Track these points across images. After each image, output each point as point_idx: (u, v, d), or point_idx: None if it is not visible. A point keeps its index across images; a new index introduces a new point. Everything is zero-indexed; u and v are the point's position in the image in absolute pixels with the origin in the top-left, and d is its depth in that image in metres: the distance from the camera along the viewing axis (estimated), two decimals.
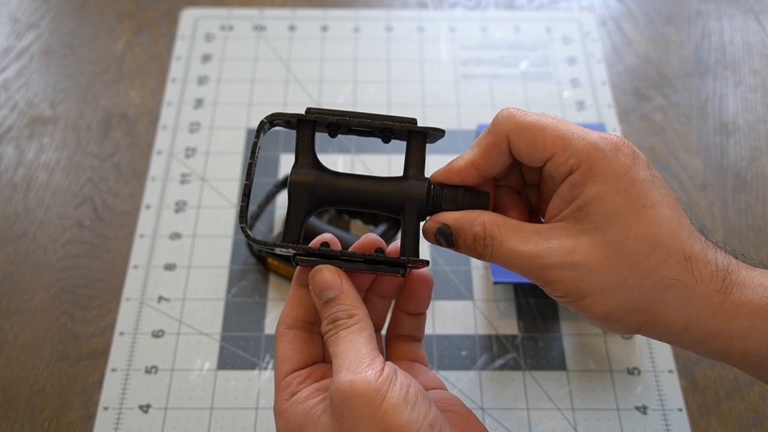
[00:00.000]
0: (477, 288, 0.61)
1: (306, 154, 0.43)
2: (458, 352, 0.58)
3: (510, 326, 0.59)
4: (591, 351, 0.58)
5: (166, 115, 0.73)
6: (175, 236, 0.64)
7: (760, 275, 0.39)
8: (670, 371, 0.57)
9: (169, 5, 0.82)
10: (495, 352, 0.58)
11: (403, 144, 0.43)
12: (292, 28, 0.80)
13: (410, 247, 0.42)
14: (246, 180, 0.41)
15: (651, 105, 0.75)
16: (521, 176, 0.44)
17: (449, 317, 0.60)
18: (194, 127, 0.72)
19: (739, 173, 0.69)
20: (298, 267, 0.43)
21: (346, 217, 0.64)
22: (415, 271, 0.45)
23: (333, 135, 0.43)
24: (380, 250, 0.42)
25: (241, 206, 0.41)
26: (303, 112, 0.42)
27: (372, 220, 0.63)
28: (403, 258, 0.41)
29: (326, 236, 0.43)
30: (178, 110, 0.73)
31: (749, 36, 0.81)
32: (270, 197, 0.64)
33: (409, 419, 0.36)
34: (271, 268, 0.61)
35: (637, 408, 0.55)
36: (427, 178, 0.43)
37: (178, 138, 0.71)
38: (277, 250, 0.42)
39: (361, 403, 0.36)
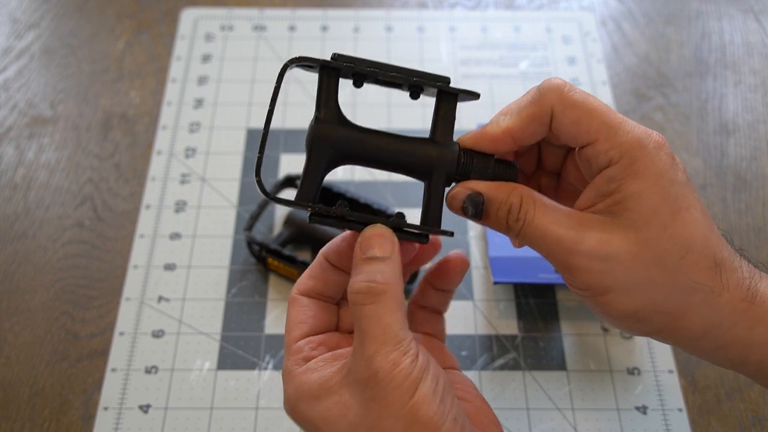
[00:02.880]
0: (477, 288, 0.61)
1: (329, 105, 0.39)
2: (458, 352, 0.58)
3: (510, 326, 0.59)
4: (591, 351, 0.58)
5: (166, 115, 0.73)
6: (175, 236, 0.64)
7: None
8: (670, 371, 0.57)
9: (169, 5, 0.82)
10: (495, 352, 0.58)
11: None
12: (292, 28, 0.80)
13: (434, 214, 0.40)
14: (264, 129, 0.38)
15: (651, 105, 0.75)
16: (537, 159, 0.43)
17: (449, 317, 0.59)
18: (194, 127, 0.72)
19: (739, 173, 0.69)
20: (325, 247, 0.42)
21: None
22: (452, 254, 0.43)
23: (358, 85, 0.40)
24: (343, 201, 0.40)
25: (258, 157, 0.38)
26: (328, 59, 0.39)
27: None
28: (426, 228, 0.39)
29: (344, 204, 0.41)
30: (178, 110, 0.73)
31: (749, 36, 0.81)
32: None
33: (437, 412, 0.35)
34: (271, 268, 0.61)
35: (637, 408, 0.55)
36: (456, 143, 0.41)
37: (178, 138, 0.71)
38: (295, 208, 0.39)
39: (395, 393, 0.35)
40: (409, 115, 0.72)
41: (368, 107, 0.73)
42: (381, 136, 0.40)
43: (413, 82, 0.39)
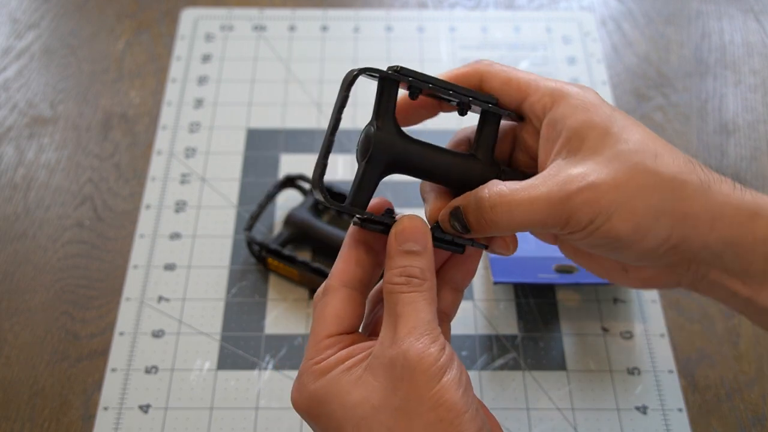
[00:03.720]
0: (477, 288, 0.61)
1: (387, 115, 0.40)
2: (458, 352, 0.58)
3: (510, 326, 0.59)
4: (591, 351, 0.58)
5: (166, 115, 0.73)
6: (175, 236, 0.64)
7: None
8: (670, 371, 0.57)
9: (169, 5, 0.82)
10: (495, 352, 0.58)
11: None
12: (292, 28, 0.80)
13: None
14: (330, 135, 0.38)
15: (651, 105, 0.75)
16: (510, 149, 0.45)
17: None
18: (194, 127, 0.72)
19: (739, 173, 0.69)
20: (351, 226, 0.41)
21: (345, 217, 0.64)
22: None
23: (413, 97, 0.42)
24: (390, 210, 0.41)
25: (323, 165, 0.38)
26: (386, 70, 0.40)
27: None
28: (467, 238, 0.41)
29: (386, 201, 0.42)
30: (178, 110, 0.73)
31: (749, 36, 0.81)
32: (270, 197, 0.64)
33: (460, 400, 0.36)
34: (271, 268, 0.61)
35: (637, 408, 0.55)
36: (497, 162, 0.43)
37: (178, 138, 0.71)
38: (347, 213, 0.40)
39: (423, 376, 0.36)
40: None
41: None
42: (432, 149, 0.42)
43: (466, 101, 0.42)
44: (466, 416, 0.36)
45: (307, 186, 0.65)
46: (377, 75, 0.40)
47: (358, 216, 0.40)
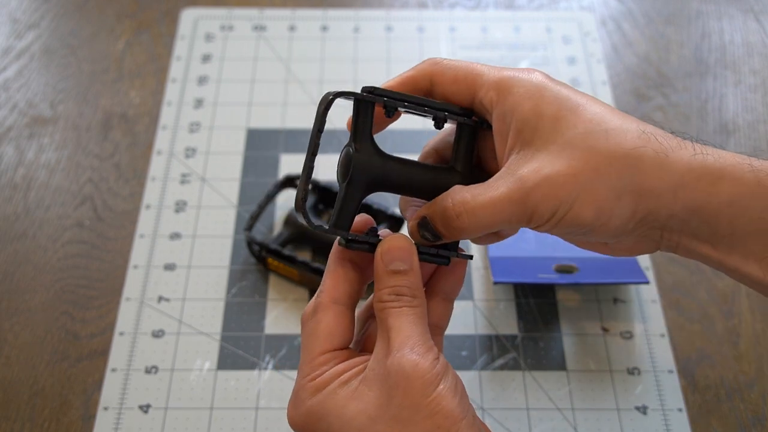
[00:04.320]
0: (477, 288, 0.61)
1: (364, 135, 0.41)
2: (458, 352, 0.58)
3: (510, 326, 0.59)
4: (591, 351, 0.58)
5: (166, 115, 0.73)
6: (175, 236, 0.64)
7: (733, 153, 0.38)
8: (670, 371, 0.57)
9: (169, 5, 0.82)
10: (495, 352, 0.58)
11: None
12: (292, 28, 0.80)
13: (456, 245, 0.42)
14: (309, 161, 0.39)
15: (651, 105, 0.75)
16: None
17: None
18: (194, 127, 0.72)
19: None
20: (336, 244, 0.42)
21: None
22: None
23: (389, 115, 0.42)
24: (374, 229, 0.42)
25: (304, 190, 0.39)
26: (360, 91, 0.41)
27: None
28: (450, 251, 0.41)
29: (369, 220, 0.42)
30: (178, 110, 0.73)
31: (749, 36, 0.81)
32: (270, 197, 0.64)
33: (457, 407, 0.36)
34: (271, 268, 0.61)
35: (637, 408, 0.55)
36: (476, 173, 0.43)
37: (178, 138, 0.71)
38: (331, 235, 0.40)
39: (419, 384, 0.36)
40: None
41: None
42: (411, 165, 0.42)
43: (441, 116, 0.42)
44: (463, 423, 0.36)
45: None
46: (352, 98, 0.40)
47: (347, 238, 0.40)
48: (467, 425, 0.36)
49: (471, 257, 0.43)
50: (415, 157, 0.44)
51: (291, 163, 0.69)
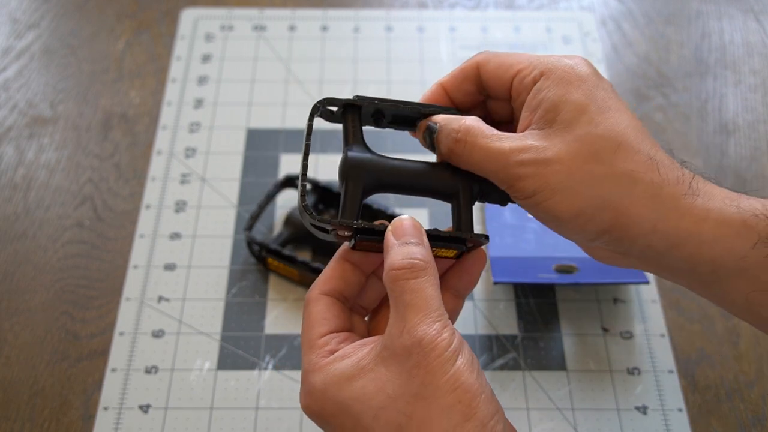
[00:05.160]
0: (477, 288, 0.61)
1: (356, 137, 0.43)
2: None
3: (510, 326, 0.59)
4: (591, 351, 0.58)
5: (166, 115, 0.73)
6: (175, 236, 0.64)
7: (725, 191, 0.40)
8: (670, 371, 0.57)
9: (169, 5, 0.82)
10: (495, 352, 0.58)
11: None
12: (292, 28, 0.80)
13: (467, 229, 0.43)
14: (303, 160, 0.42)
15: (651, 105, 0.75)
16: (489, 117, 0.46)
17: None
18: (194, 127, 0.72)
19: (739, 173, 0.69)
20: (345, 244, 0.43)
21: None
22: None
23: (378, 125, 0.44)
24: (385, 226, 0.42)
25: (302, 185, 0.41)
26: (350, 98, 0.43)
27: (374, 219, 0.63)
28: (465, 233, 0.42)
29: (383, 222, 0.43)
30: (178, 110, 0.73)
31: (749, 36, 0.81)
32: (270, 197, 0.64)
33: (476, 382, 0.37)
34: (271, 268, 0.61)
35: (637, 408, 0.55)
36: None
37: (178, 138, 0.71)
38: (334, 232, 0.41)
39: (438, 361, 0.36)
40: None
41: None
42: (408, 164, 0.43)
43: (426, 112, 0.44)
44: (482, 397, 0.36)
45: (307, 186, 0.65)
46: (340, 104, 0.43)
47: (354, 227, 0.41)
48: (486, 399, 0.36)
49: (487, 238, 0.43)
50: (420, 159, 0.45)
51: (291, 163, 0.69)
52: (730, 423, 0.55)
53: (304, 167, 0.42)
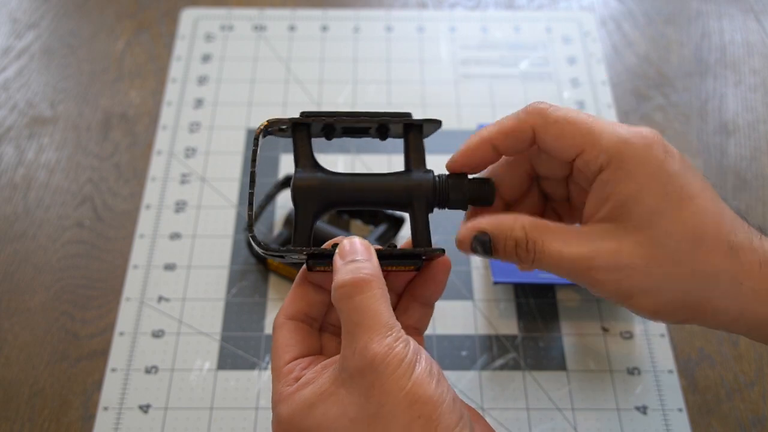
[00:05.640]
0: (477, 288, 0.61)
1: (306, 158, 0.42)
2: (458, 352, 0.58)
3: (510, 326, 0.59)
4: (591, 351, 0.58)
5: (166, 115, 0.73)
6: (175, 236, 0.64)
7: None
8: (670, 371, 0.57)
9: (169, 5, 0.82)
10: (495, 352, 0.58)
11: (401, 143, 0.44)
12: (292, 28, 0.80)
13: (423, 240, 0.41)
14: (250, 188, 0.41)
15: (651, 105, 0.75)
16: (532, 169, 0.44)
17: (449, 317, 0.60)
18: (194, 127, 0.72)
19: (739, 173, 0.69)
20: (304, 266, 0.42)
21: (345, 217, 0.64)
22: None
23: (329, 138, 0.43)
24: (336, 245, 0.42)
25: (248, 215, 0.40)
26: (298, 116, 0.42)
27: (372, 220, 0.63)
28: (419, 249, 0.41)
29: (339, 239, 0.42)
30: (178, 110, 0.73)
31: (749, 36, 0.81)
32: (270, 197, 0.64)
33: (435, 392, 0.36)
34: (271, 268, 0.61)
35: (637, 408, 0.55)
36: (430, 170, 0.42)
37: (178, 138, 0.71)
38: (288, 257, 0.41)
39: (393, 377, 0.35)
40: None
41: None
42: (359, 177, 0.42)
43: (385, 122, 0.42)
44: (443, 408, 0.36)
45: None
46: (281, 129, 0.42)
47: (304, 253, 0.40)
48: (448, 409, 0.36)
49: (443, 251, 0.41)
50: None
51: (291, 163, 0.69)
52: (730, 423, 0.55)
53: (251, 196, 0.41)
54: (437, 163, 0.45)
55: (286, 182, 0.65)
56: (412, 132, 0.43)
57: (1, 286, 0.62)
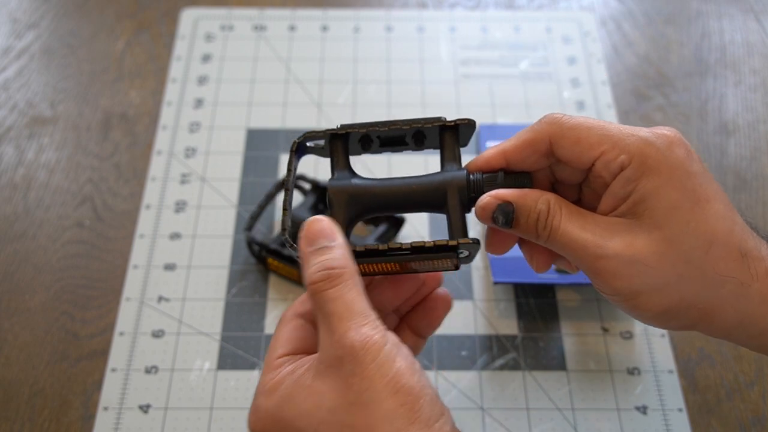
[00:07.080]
0: (477, 288, 0.61)
1: (340, 166, 0.43)
2: (458, 352, 0.58)
3: (510, 326, 0.59)
4: (591, 351, 0.58)
5: (166, 115, 0.73)
6: (175, 236, 0.64)
7: None
8: (670, 371, 0.57)
9: (169, 5, 0.82)
10: (495, 352, 0.58)
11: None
12: (292, 28, 0.80)
13: (458, 236, 0.41)
14: (285, 196, 0.42)
15: (651, 105, 0.75)
16: (551, 174, 0.44)
17: (449, 317, 0.59)
18: (194, 127, 0.72)
19: (739, 173, 0.69)
20: None
21: None
22: (439, 291, 0.45)
23: (366, 149, 0.43)
24: None
25: (284, 219, 0.41)
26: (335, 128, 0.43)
27: (372, 220, 0.63)
28: (450, 241, 0.40)
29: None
30: (178, 110, 0.73)
31: (749, 36, 0.81)
32: (270, 197, 0.64)
33: (418, 382, 0.36)
34: (271, 268, 0.61)
35: (637, 408, 0.55)
36: (464, 168, 0.43)
37: (178, 138, 0.71)
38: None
39: (373, 365, 0.35)
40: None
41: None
42: (393, 182, 0.42)
43: (419, 128, 0.42)
44: (426, 399, 0.36)
45: (307, 186, 0.65)
46: (315, 144, 0.42)
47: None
48: (430, 402, 0.36)
49: (478, 242, 0.41)
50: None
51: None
52: (730, 423, 0.55)
53: (286, 202, 0.41)
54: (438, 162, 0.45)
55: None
56: (448, 133, 0.43)
57: (1, 286, 0.62)
